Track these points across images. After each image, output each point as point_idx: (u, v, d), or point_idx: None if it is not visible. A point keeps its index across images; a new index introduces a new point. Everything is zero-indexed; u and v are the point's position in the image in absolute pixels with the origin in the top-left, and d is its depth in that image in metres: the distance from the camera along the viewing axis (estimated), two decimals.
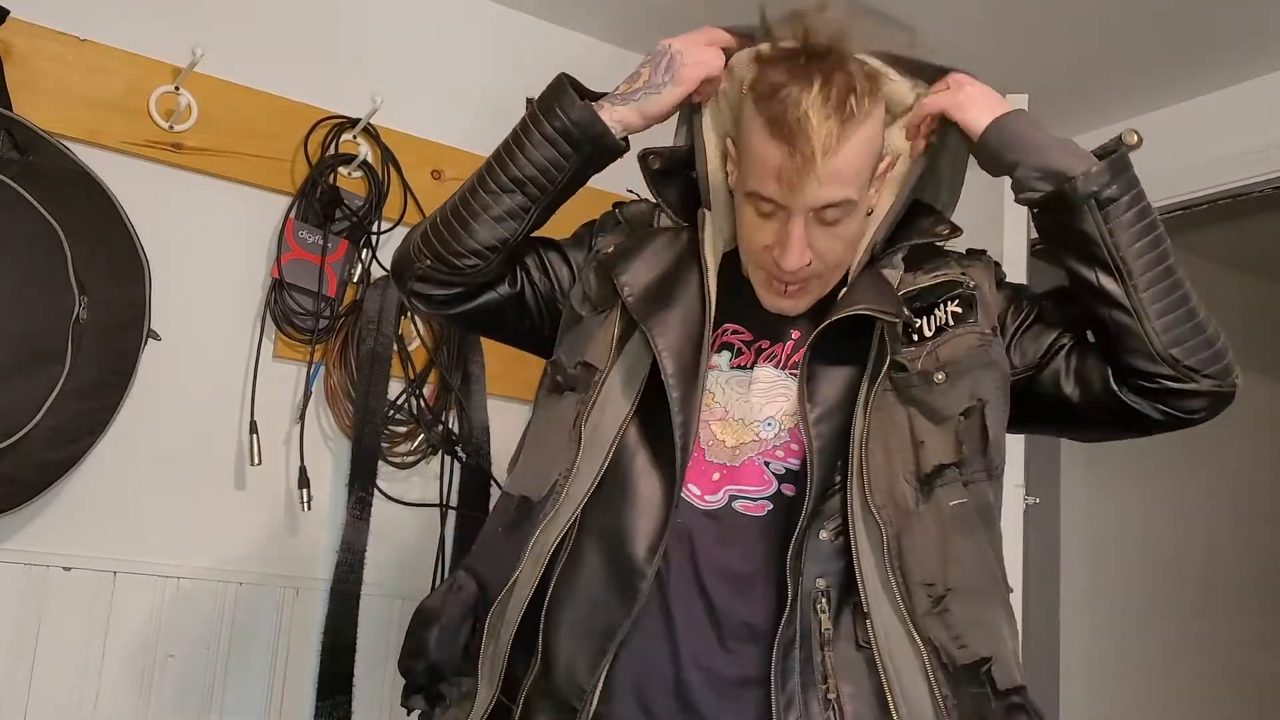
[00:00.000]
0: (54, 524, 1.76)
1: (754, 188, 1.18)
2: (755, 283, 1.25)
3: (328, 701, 1.87)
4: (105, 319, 1.69)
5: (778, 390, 1.21)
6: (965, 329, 1.21)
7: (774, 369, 1.23)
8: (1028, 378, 1.25)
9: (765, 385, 1.23)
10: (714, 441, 1.21)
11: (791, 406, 1.19)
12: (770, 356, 1.24)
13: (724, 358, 1.25)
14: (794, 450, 1.18)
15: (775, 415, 1.20)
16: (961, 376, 1.18)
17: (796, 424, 1.18)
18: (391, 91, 2.07)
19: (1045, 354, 1.25)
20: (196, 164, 1.92)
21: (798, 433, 1.18)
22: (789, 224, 1.16)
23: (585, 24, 2.33)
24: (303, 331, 1.96)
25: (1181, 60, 2.31)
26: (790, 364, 1.23)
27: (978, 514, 1.17)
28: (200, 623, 1.85)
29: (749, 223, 1.21)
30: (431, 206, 2.09)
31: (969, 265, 1.29)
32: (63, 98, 1.82)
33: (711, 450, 1.21)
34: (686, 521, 1.17)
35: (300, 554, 1.95)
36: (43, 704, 1.72)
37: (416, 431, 2.03)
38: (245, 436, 1.91)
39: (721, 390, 1.24)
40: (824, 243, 1.19)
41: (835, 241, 1.19)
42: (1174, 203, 2.45)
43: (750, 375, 1.24)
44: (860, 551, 1.13)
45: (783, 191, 1.15)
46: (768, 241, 1.19)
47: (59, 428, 1.63)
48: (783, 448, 1.19)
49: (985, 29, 2.24)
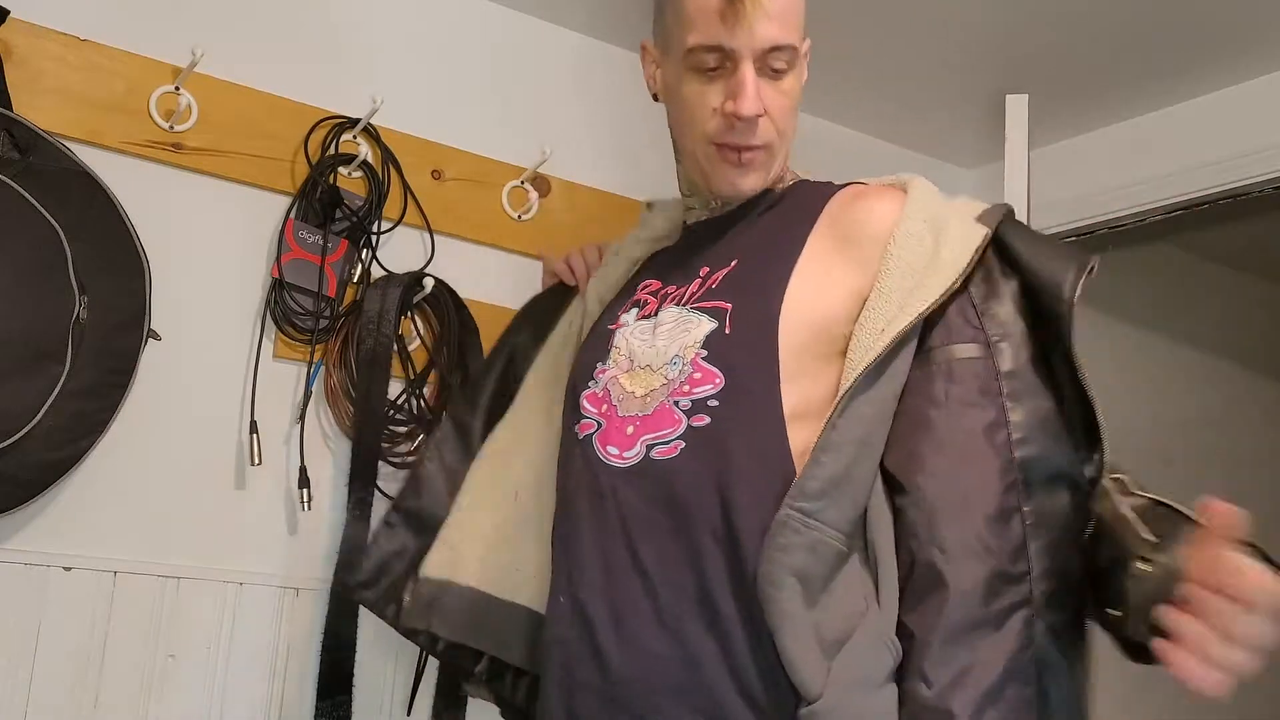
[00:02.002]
0: (54, 524, 1.76)
1: (696, 41, 1.18)
2: (705, 167, 1.25)
3: (328, 701, 1.87)
4: (105, 319, 1.69)
5: (680, 328, 1.20)
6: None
7: (676, 307, 1.23)
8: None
9: (669, 326, 1.21)
10: (624, 396, 1.20)
11: (692, 339, 1.18)
12: (675, 299, 1.24)
13: (631, 315, 1.28)
14: (697, 380, 1.16)
15: (679, 351, 1.18)
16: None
17: (696, 354, 1.17)
18: (391, 91, 2.07)
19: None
20: (197, 164, 1.92)
21: (699, 362, 1.16)
22: (738, 72, 1.17)
23: (586, 24, 2.33)
24: (303, 331, 1.96)
25: (1181, 60, 2.31)
26: (691, 299, 1.22)
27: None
28: (200, 623, 1.85)
29: (693, 93, 1.22)
30: (432, 206, 2.11)
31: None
32: (63, 98, 1.82)
33: (624, 405, 1.20)
34: (611, 483, 1.18)
35: (300, 554, 1.95)
36: (43, 704, 1.72)
37: (416, 431, 2.03)
38: (245, 436, 1.91)
39: (626, 342, 1.24)
40: (773, 98, 1.20)
41: (782, 97, 1.20)
42: (1174, 203, 2.45)
43: (654, 321, 1.24)
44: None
45: (728, 31, 1.15)
46: (716, 102, 1.20)
47: (59, 428, 1.63)
48: (687, 380, 1.17)
49: (985, 29, 2.24)
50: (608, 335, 1.29)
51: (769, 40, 1.16)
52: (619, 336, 1.27)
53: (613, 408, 1.21)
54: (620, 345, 1.25)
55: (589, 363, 1.29)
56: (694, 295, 1.23)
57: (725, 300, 1.19)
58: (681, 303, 1.23)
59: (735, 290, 1.20)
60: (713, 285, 1.22)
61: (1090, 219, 2.59)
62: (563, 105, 2.32)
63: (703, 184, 1.30)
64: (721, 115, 1.20)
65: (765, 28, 1.16)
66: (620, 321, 1.29)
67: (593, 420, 1.23)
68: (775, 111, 1.20)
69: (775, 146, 1.23)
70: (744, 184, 1.25)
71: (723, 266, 1.23)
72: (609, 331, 1.29)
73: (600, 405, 1.24)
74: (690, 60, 1.20)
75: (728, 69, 1.18)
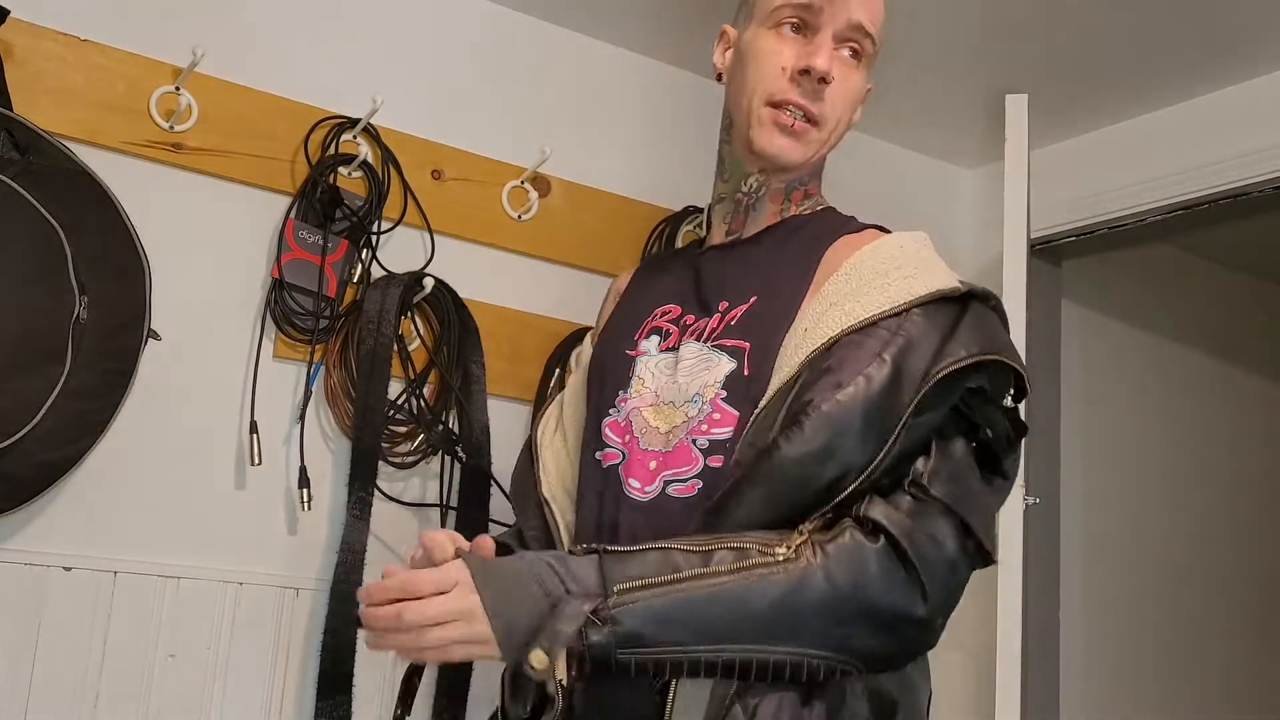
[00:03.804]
0: (54, 524, 1.77)
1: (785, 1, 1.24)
2: (754, 129, 1.26)
3: (328, 701, 1.87)
4: (105, 319, 1.68)
5: (700, 365, 1.21)
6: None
7: (697, 343, 1.23)
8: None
9: (690, 363, 1.22)
10: (647, 429, 1.21)
11: (713, 378, 1.18)
12: (695, 332, 1.24)
13: (653, 342, 1.28)
14: (716, 420, 1.16)
15: (699, 390, 1.19)
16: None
17: (716, 394, 1.17)
18: (391, 91, 2.07)
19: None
20: (196, 164, 1.92)
21: (719, 403, 1.17)
22: (818, 36, 1.23)
23: (586, 24, 2.33)
24: (303, 331, 1.96)
25: (1182, 60, 2.31)
26: (712, 335, 1.22)
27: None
28: (200, 623, 1.85)
29: (768, 49, 1.25)
30: (432, 206, 2.11)
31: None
32: (63, 98, 1.82)
33: (646, 438, 1.20)
34: (630, 516, 1.18)
35: (300, 554, 1.95)
36: (43, 704, 1.72)
37: (416, 431, 2.03)
38: (245, 436, 1.91)
39: (651, 375, 1.24)
40: (842, 76, 1.25)
41: (850, 80, 1.26)
42: (1174, 203, 2.45)
43: (676, 354, 1.24)
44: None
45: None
46: (787, 62, 1.24)
47: (59, 428, 1.63)
48: (705, 420, 1.17)
49: (985, 29, 2.24)
50: (628, 362, 1.28)
51: (858, 18, 1.23)
52: (640, 366, 1.26)
53: (635, 439, 1.21)
54: (643, 376, 1.25)
55: (610, 387, 1.28)
56: (714, 331, 1.23)
57: (743, 339, 1.20)
58: (702, 338, 1.23)
59: (753, 331, 1.20)
60: (731, 322, 1.22)
61: (1090, 219, 2.59)
62: (563, 105, 2.32)
63: (744, 154, 1.29)
64: (790, 75, 1.23)
65: (859, 6, 1.23)
66: (640, 349, 1.28)
67: (616, 450, 1.23)
68: (839, 92, 1.25)
69: (825, 126, 1.25)
70: (786, 149, 1.25)
71: (741, 303, 1.23)
72: (628, 358, 1.28)
73: (623, 435, 1.23)
74: (775, 16, 1.25)
75: (807, 36, 1.24)
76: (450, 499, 2.06)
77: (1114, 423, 3.00)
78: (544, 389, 2.18)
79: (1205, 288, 3.36)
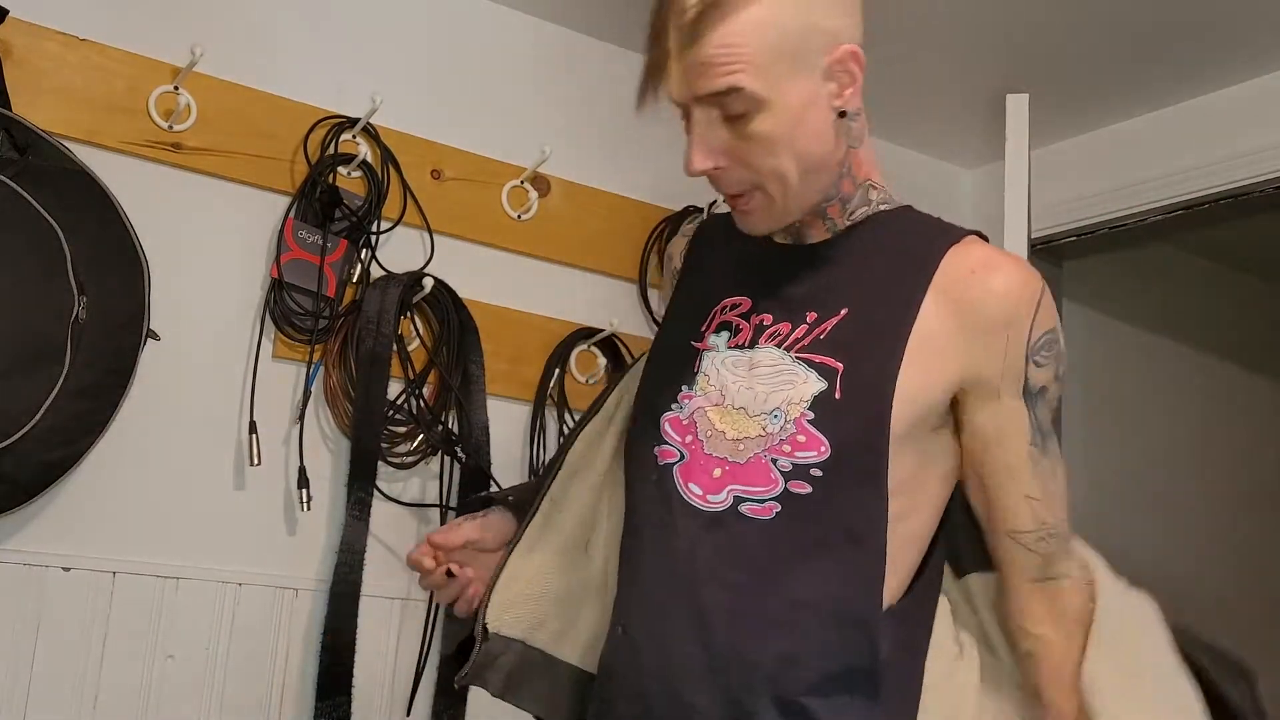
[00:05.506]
0: (54, 524, 1.76)
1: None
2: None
3: (328, 701, 1.87)
4: (105, 319, 1.68)
5: (783, 378, 1.12)
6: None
7: (778, 350, 1.14)
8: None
9: (769, 371, 1.13)
10: (713, 433, 1.13)
11: (799, 396, 1.10)
12: (775, 337, 1.15)
13: (722, 338, 1.19)
14: (801, 443, 1.09)
15: (781, 405, 1.10)
16: None
17: (802, 414, 1.09)
18: (391, 91, 2.07)
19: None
20: (196, 164, 1.92)
21: (804, 424, 1.09)
22: (690, 130, 1.09)
23: (586, 24, 2.33)
24: (302, 331, 1.96)
25: (1181, 60, 2.31)
26: (797, 346, 1.13)
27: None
28: (200, 623, 1.85)
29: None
30: (431, 206, 2.11)
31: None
32: (62, 98, 1.81)
33: (711, 442, 1.13)
34: (687, 524, 1.11)
35: (300, 554, 1.95)
36: (43, 704, 1.72)
37: (416, 431, 2.03)
38: (245, 436, 1.90)
39: (717, 373, 1.16)
40: (735, 143, 1.08)
41: (748, 142, 1.07)
42: (1174, 203, 2.45)
43: (750, 357, 1.15)
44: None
45: (659, 84, 1.08)
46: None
47: (59, 428, 1.63)
48: (789, 440, 1.09)
49: (985, 28, 2.24)
50: (693, 355, 1.19)
51: (698, 89, 1.06)
52: (707, 362, 1.17)
53: (698, 442, 1.13)
54: (710, 374, 1.16)
55: (671, 381, 1.19)
56: (799, 343, 1.13)
57: (836, 359, 1.11)
58: (784, 345, 1.14)
59: (846, 350, 1.11)
60: (821, 335, 1.13)
61: (1090, 219, 2.59)
62: (563, 105, 2.32)
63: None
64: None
65: (690, 78, 1.07)
66: (707, 343, 1.19)
67: (675, 449, 1.15)
68: (741, 156, 1.09)
69: (766, 184, 1.11)
70: (753, 225, 1.15)
71: (831, 315, 1.13)
72: (694, 350, 1.19)
73: (685, 435, 1.15)
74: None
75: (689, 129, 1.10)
76: (450, 499, 2.05)
77: (1114, 422, 3.00)
78: (544, 389, 2.18)
79: (1205, 288, 3.36)
